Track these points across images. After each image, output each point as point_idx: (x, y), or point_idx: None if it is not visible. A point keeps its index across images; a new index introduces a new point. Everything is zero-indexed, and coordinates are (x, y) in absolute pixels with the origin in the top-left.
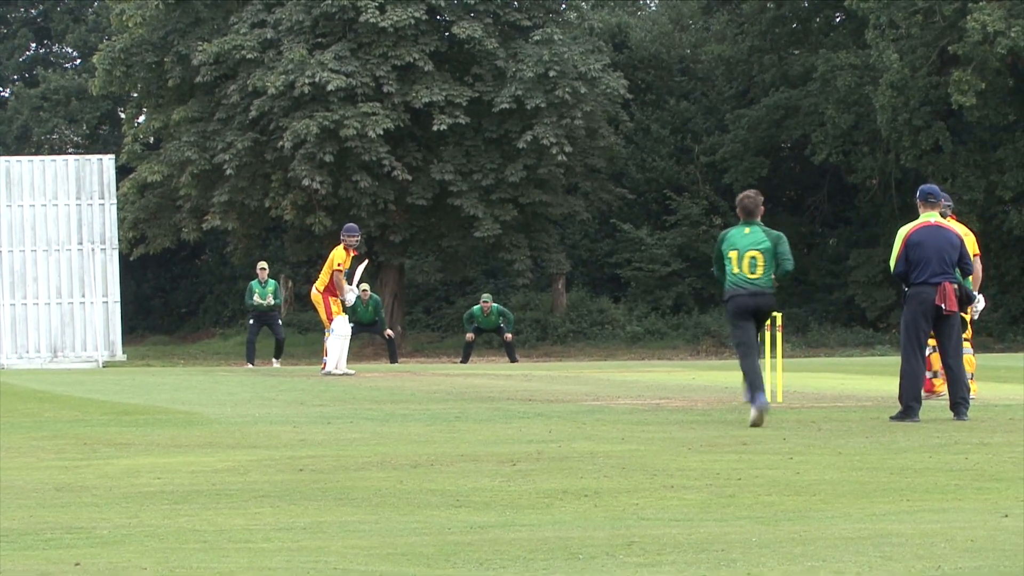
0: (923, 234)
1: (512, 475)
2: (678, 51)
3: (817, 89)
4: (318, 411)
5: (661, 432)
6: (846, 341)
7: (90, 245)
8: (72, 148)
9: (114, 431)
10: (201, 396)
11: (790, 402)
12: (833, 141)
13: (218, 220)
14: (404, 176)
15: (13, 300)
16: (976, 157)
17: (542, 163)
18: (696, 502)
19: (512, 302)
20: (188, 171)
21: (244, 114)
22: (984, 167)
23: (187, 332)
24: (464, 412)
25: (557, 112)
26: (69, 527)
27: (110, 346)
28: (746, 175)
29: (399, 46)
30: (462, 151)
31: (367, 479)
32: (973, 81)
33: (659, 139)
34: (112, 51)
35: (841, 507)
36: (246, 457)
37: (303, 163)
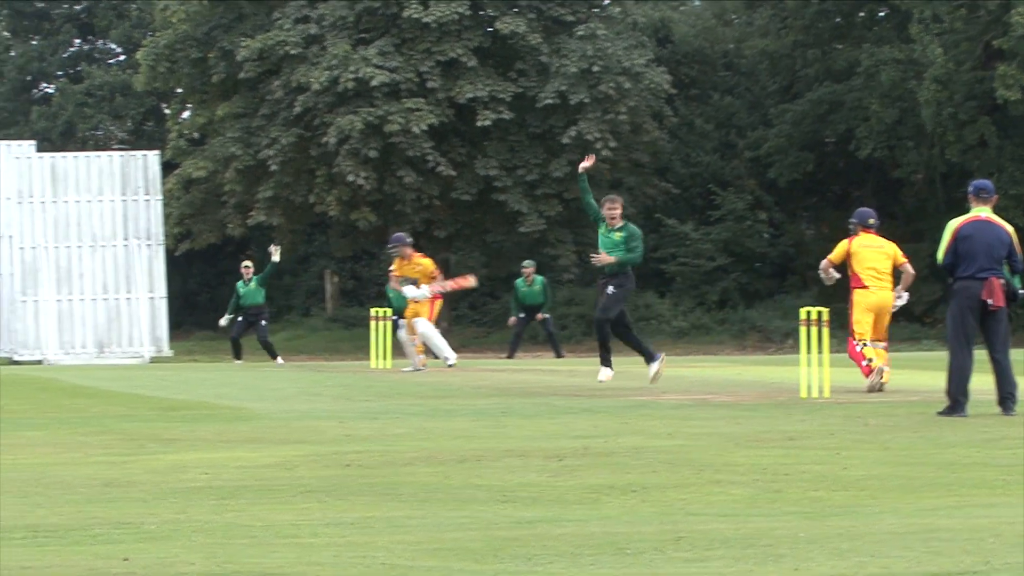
0: (973, 228)
1: (559, 470)
2: (722, 46)
3: (861, 84)
4: (364, 406)
5: (708, 427)
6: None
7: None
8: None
9: (161, 427)
10: (247, 391)
11: (837, 397)
12: (878, 136)
13: (263, 216)
14: (448, 171)
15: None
16: (1022, 152)
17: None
18: (743, 497)
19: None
20: (233, 167)
21: (288, 110)
22: None
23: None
24: (510, 407)
25: (601, 107)
26: (117, 523)
27: (156, 342)
28: (791, 170)
29: (443, 41)
30: (506, 146)
31: (414, 474)
32: (1018, 75)
33: (703, 134)
34: (156, 47)
35: (889, 502)
36: (293, 452)
37: (347, 159)
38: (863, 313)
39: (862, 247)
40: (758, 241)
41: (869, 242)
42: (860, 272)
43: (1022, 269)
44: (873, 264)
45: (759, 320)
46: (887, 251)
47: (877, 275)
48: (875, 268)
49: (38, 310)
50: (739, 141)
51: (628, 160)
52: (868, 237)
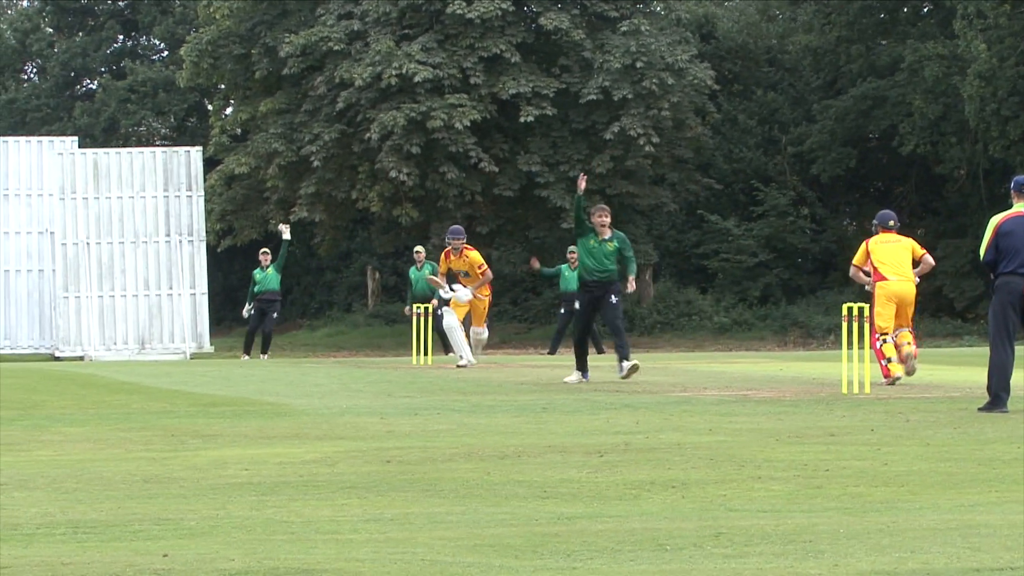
0: (1015, 224)
1: (599, 466)
2: (765, 41)
3: (905, 79)
4: (405, 402)
5: (749, 423)
6: (934, 332)
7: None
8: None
9: (201, 423)
10: (288, 388)
11: (878, 393)
12: (921, 132)
13: (305, 212)
14: (491, 167)
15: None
16: None
17: (629, 154)
18: (784, 493)
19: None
20: (275, 163)
21: (331, 106)
22: None
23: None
24: (551, 403)
25: (644, 103)
26: (157, 518)
27: (197, 338)
28: (833, 166)
29: (486, 37)
30: (549, 142)
31: (454, 470)
32: None
33: (746, 130)
34: (199, 43)
35: (929, 498)
36: (333, 448)
37: (390, 155)
38: (884, 305)
39: (879, 244)
40: (800, 237)
41: (886, 239)
42: (879, 267)
43: None
44: (891, 258)
45: (801, 316)
46: (904, 245)
47: (896, 268)
48: (894, 261)
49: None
50: (782, 137)
51: (671, 156)
52: (885, 235)
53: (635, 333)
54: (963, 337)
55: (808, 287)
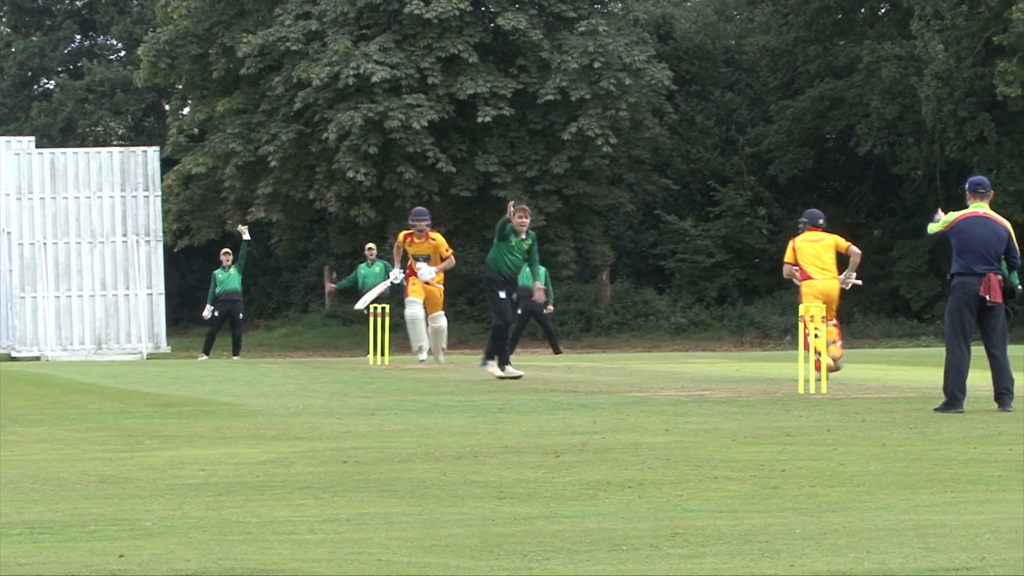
0: (970, 223)
1: (556, 467)
2: (723, 42)
3: (862, 80)
4: (361, 403)
5: (705, 423)
6: (890, 332)
7: (134, 237)
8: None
9: (158, 423)
10: (245, 388)
11: (834, 393)
12: (878, 132)
13: (263, 212)
14: (448, 168)
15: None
16: (1021, 148)
17: (587, 154)
18: (740, 493)
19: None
20: (232, 163)
21: (288, 106)
22: None
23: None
24: (508, 403)
25: (602, 103)
26: (113, 519)
27: (154, 338)
28: (791, 166)
29: (444, 37)
30: (506, 143)
31: (411, 471)
32: (1018, 72)
33: (703, 130)
34: (157, 43)
35: (885, 498)
36: (290, 449)
37: (347, 155)
38: (811, 301)
39: (804, 242)
40: (757, 237)
41: (810, 237)
42: (805, 265)
43: (1020, 265)
44: (815, 256)
45: (757, 316)
46: (827, 243)
47: (820, 266)
48: (818, 259)
49: (36, 306)
50: (739, 137)
51: (628, 156)
52: (811, 234)
53: (592, 333)
54: (919, 337)
55: (765, 287)
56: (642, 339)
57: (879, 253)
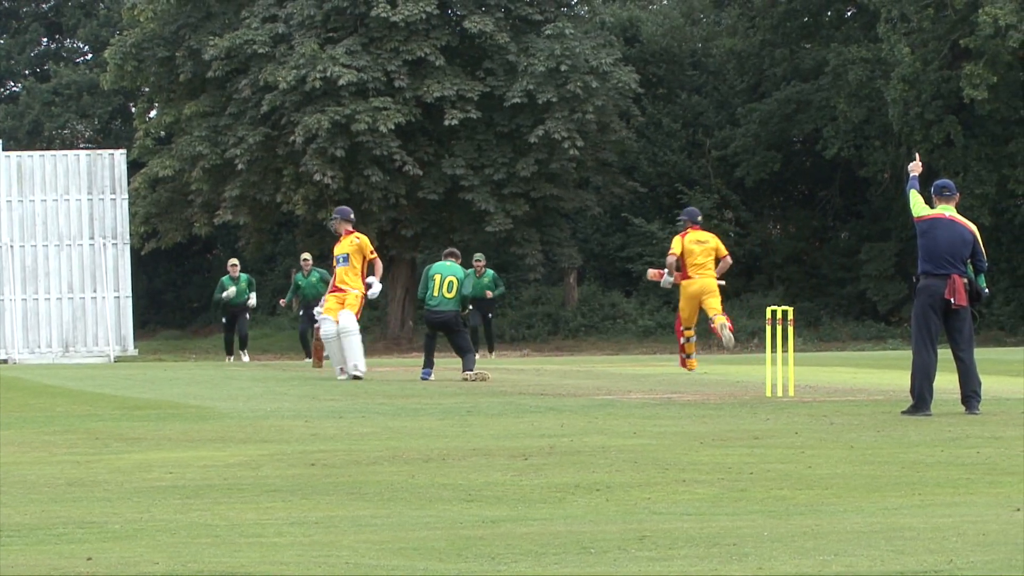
0: (936, 225)
1: (524, 469)
2: (689, 45)
3: (829, 83)
4: (330, 405)
5: (673, 426)
6: (858, 335)
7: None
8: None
9: (126, 426)
10: (213, 391)
11: (802, 396)
12: (845, 135)
13: (230, 215)
14: (415, 171)
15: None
16: (988, 151)
17: (553, 157)
18: (708, 496)
19: (523, 296)
20: (199, 166)
21: (255, 109)
22: (996, 161)
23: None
24: (476, 406)
25: (568, 106)
26: (80, 522)
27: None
28: (758, 169)
29: (410, 40)
30: (473, 145)
31: (379, 473)
32: (985, 75)
33: (670, 133)
34: (123, 45)
35: (853, 501)
36: (258, 452)
37: (314, 158)
38: (687, 301)
39: (692, 243)
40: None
41: (697, 238)
42: (688, 266)
43: (986, 268)
44: (699, 258)
45: None
46: (711, 246)
47: (699, 268)
48: (700, 261)
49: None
50: (706, 140)
51: (595, 159)
52: (697, 233)
53: (559, 336)
54: (887, 340)
55: (732, 290)
56: (610, 342)
57: (846, 256)
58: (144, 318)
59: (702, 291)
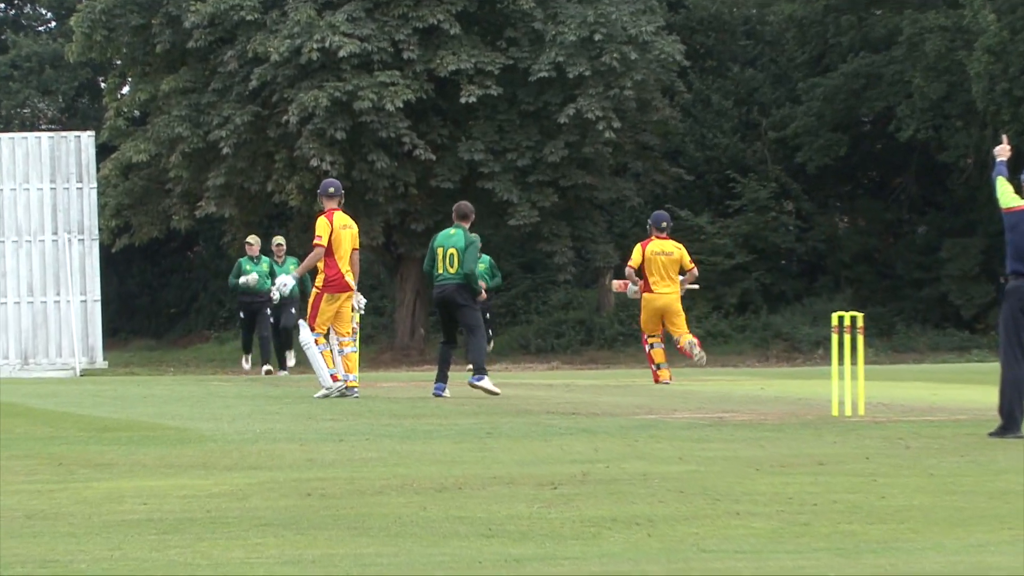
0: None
1: (553, 500)
2: (742, 11)
3: (903, 55)
4: (329, 426)
5: (725, 450)
6: (938, 345)
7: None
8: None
9: (94, 450)
10: (194, 409)
11: (874, 415)
12: (921, 114)
13: (213, 206)
14: (427, 156)
15: None
16: None
17: (586, 140)
18: (765, 531)
19: (552, 300)
20: (179, 150)
21: (243, 84)
22: None
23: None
24: (496, 427)
25: (604, 81)
26: (42, 560)
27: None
28: (821, 153)
29: (421, 6)
30: (494, 126)
31: (385, 505)
32: None
33: (721, 112)
34: (92, 12)
35: (933, 537)
36: (246, 480)
37: (311, 140)
38: (650, 316)
39: (654, 254)
40: (784, 236)
41: (660, 248)
42: (649, 278)
43: None
44: (662, 271)
45: (785, 326)
46: (675, 258)
47: (661, 282)
48: (663, 274)
49: None
50: (762, 120)
51: (634, 142)
52: (660, 243)
53: (593, 347)
54: (971, 351)
55: (793, 293)
56: None
57: (924, 254)
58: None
59: (665, 310)
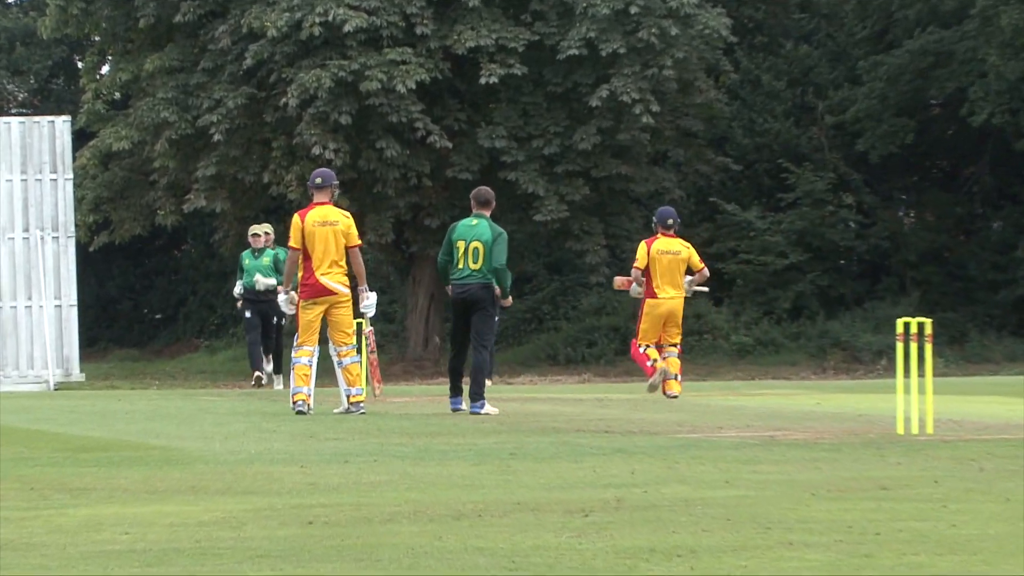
0: None
1: (584, 529)
2: None
3: (976, 29)
4: (332, 446)
5: (777, 473)
6: (1015, 355)
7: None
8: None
9: (70, 472)
10: (181, 427)
11: (943, 434)
12: (997, 97)
13: (203, 200)
14: (443, 143)
15: None
16: None
17: (621, 126)
18: (822, 563)
19: (583, 305)
20: (165, 137)
21: (237, 63)
22: None
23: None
24: (521, 447)
25: (640, 60)
26: None
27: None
28: (885, 140)
29: None
30: (517, 110)
31: (396, 534)
32: None
33: (772, 94)
34: None
35: (1009, 568)
36: (240, 506)
37: (312, 126)
38: (651, 323)
39: (660, 254)
40: (843, 232)
41: (667, 248)
42: (653, 281)
43: None
44: (669, 274)
45: (843, 334)
46: (683, 257)
47: (667, 285)
48: (670, 276)
49: None
50: (818, 103)
51: (675, 128)
52: (666, 242)
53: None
54: None
55: (853, 297)
56: (695, 364)
57: (1000, 252)
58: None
59: (669, 317)
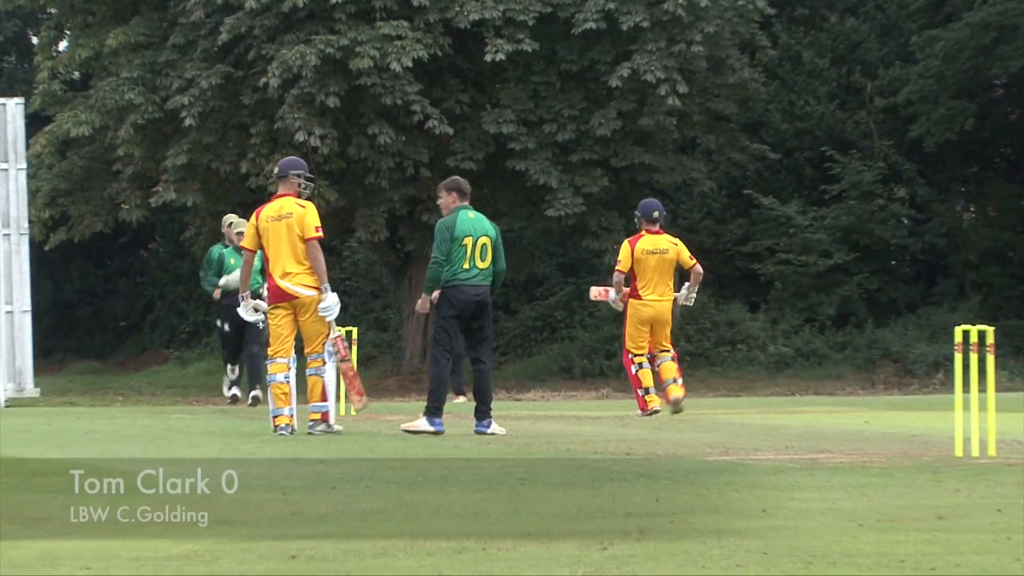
0: None
1: (602, 564)
2: None
3: None
4: (319, 471)
5: (820, 500)
6: None
7: None
8: None
9: (22, 500)
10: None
11: (1007, 456)
12: None
13: (172, 192)
14: (443, 128)
15: None
16: None
17: (645, 109)
18: None
19: (601, 312)
20: (130, 121)
21: (211, 38)
22: None
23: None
24: (531, 471)
25: (666, 34)
26: None
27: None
28: (941, 126)
29: None
30: (527, 91)
31: (390, 569)
32: None
33: (815, 73)
34: None
35: None
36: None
37: (296, 109)
38: (636, 327)
39: (645, 253)
40: (894, 229)
41: (653, 246)
42: (638, 282)
43: None
44: (655, 273)
45: (896, 344)
46: (671, 257)
47: (656, 286)
48: (657, 276)
49: None
50: (867, 84)
51: (705, 111)
52: (652, 239)
53: None
54: None
55: (905, 302)
56: (727, 377)
57: None
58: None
59: (655, 320)
